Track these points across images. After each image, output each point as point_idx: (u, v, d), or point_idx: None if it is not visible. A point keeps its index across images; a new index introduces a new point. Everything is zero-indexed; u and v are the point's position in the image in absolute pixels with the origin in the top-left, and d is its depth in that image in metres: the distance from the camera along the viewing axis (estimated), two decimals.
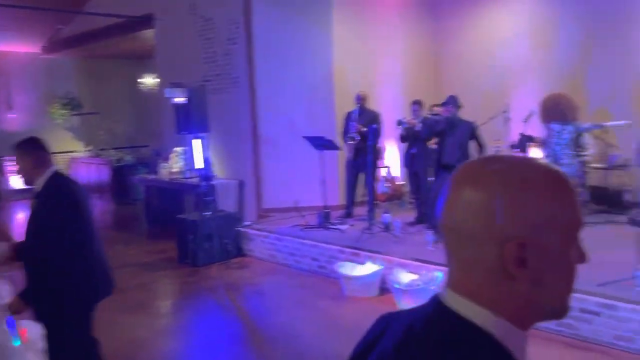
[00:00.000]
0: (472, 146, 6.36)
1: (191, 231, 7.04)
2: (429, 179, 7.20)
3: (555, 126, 5.67)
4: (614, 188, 7.49)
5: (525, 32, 8.74)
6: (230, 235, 7.35)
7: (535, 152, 6.61)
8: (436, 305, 0.86)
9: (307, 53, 8.25)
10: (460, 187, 0.85)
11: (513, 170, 0.83)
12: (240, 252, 7.47)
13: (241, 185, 8.18)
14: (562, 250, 0.82)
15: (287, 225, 7.42)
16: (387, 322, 0.96)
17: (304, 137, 7.34)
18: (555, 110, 5.55)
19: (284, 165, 8.30)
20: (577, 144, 7.52)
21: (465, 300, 0.83)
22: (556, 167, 0.85)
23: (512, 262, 0.79)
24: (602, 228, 6.59)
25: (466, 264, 0.83)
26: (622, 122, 6.63)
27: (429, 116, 7.43)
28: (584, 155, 7.44)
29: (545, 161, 0.86)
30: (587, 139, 7.57)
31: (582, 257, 0.85)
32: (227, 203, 7.86)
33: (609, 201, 7.39)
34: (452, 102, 6.22)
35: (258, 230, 7.45)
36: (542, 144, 5.37)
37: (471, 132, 6.24)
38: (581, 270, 0.86)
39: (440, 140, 6.29)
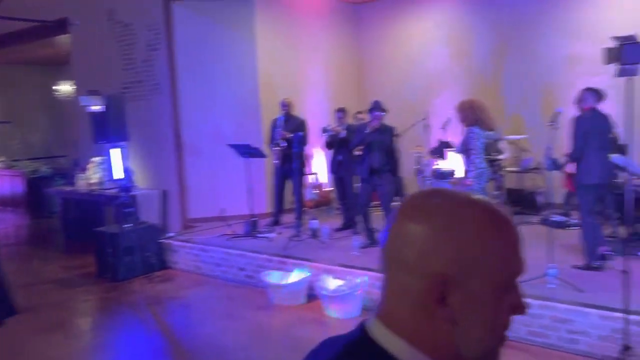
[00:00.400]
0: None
1: (111, 244, 6.76)
2: (355, 185, 7.29)
3: (477, 130, 5.88)
4: (527, 190, 7.88)
5: (444, 41, 9.06)
6: (153, 247, 7.11)
7: (453, 157, 6.84)
8: (362, 333, 0.84)
9: (231, 60, 8.17)
10: (401, 217, 0.83)
11: (451, 206, 0.81)
12: (163, 265, 7.24)
13: (164, 195, 7.95)
14: (487, 296, 0.78)
15: (213, 235, 7.28)
16: (321, 348, 0.92)
17: (229, 145, 7.24)
18: (475, 115, 5.77)
19: (210, 173, 8.15)
20: (493, 149, 7.86)
21: (389, 333, 0.81)
22: (500, 211, 0.82)
23: (432, 298, 0.78)
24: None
25: (395, 295, 0.82)
26: (520, 136, 7.00)
27: (354, 124, 7.53)
28: (500, 159, 7.79)
29: (490, 203, 0.83)
30: (503, 143, 7.93)
31: (518, 308, 0.82)
32: (149, 214, 7.61)
33: (523, 203, 7.76)
34: (377, 107, 6.32)
35: (182, 241, 7.25)
36: (471, 149, 5.55)
37: (391, 137, 6.37)
38: None
39: (367, 146, 6.35)
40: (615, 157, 5.71)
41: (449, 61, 9.03)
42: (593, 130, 4.98)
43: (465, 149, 5.51)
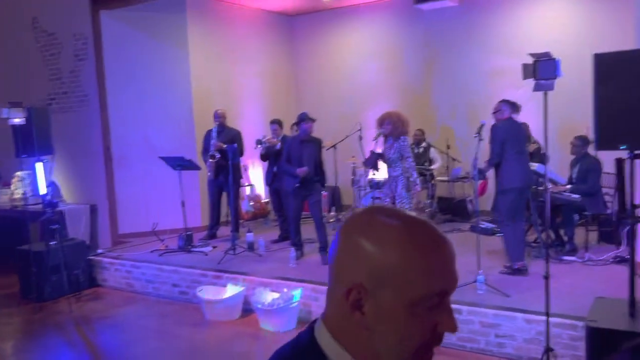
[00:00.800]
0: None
1: (35, 263, 6.42)
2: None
3: (407, 139, 6.08)
4: (458, 198, 8.14)
5: (375, 54, 9.26)
6: (81, 265, 6.83)
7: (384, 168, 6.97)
8: (309, 334, 0.90)
9: (163, 71, 8.01)
10: (341, 231, 0.89)
11: (375, 223, 0.85)
12: (92, 283, 6.96)
13: (93, 210, 7.65)
14: (398, 309, 0.81)
15: (145, 251, 7.07)
16: (274, 356, 0.94)
17: (161, 157, 7.07)
18: (404, 126, 5.98)
19: (141, 187, 7.93)
20: (425, 158, 8.09)
21: (330, 336, 0.87)
22: (426, 231, 0.84)
23: (349, 305, 0.83)
24: (449, 236, 7.10)
25: (330, 300, 0.89)
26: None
27: (290, 135, 7.55)
28: (431, 169, 8.02)
29: (418, 221, 0.85)
30: (434, 153, 8.18)
31: (445, 327, 0.84)
32: (77, 230, 7.30)
33: (453, 210, 8.02)
34: (305, 118, 6.36)
35: (113, 257, 7.00)
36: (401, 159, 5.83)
37: (318, 148, 6.43)
38: None
39: (296, 158, 6.37)
40: (538, 166, 6.00)
41: (381, 74, 9.23)
42: (510, 138, 5.25)
43: (401, 157, 5.85)
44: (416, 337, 0.83)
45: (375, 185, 7.82)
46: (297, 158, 6.26)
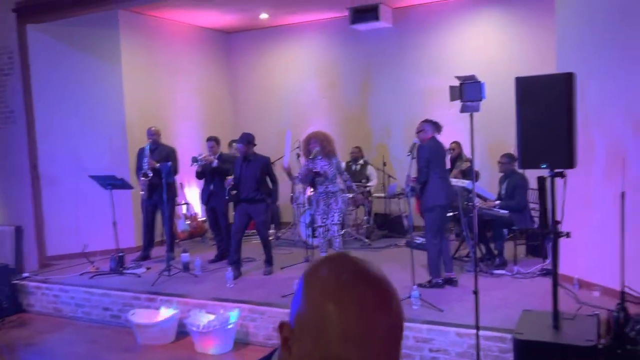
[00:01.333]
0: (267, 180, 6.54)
1: None
2: (230, 214, 7.23)
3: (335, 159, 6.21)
4: (394, 215, 8.30)
5: (312, 73, 9.36)
6: (5, 290, 6.46)
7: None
8: None
9: (95, 87, 7.76)
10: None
11: (313, 273, 0.86)
12: (18, 309, 6.59)
13: (18, 231, 7.28)
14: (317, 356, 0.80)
15: (74, 274, 6.78)
16: None
17: (91, 176, 6.83)
18: (333, 145, 6.18)
19: (71, 207, 7.63)
20: (362, 176, 8.21)
21: None
22: (354, 289, 0.81)
23: (282, 341, 0.86)
24: (385, 251, 7.23)
25: None
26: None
27: (227, 153, 7.49)
28: (369, 186, 8.14)
29: (367, 283, 0.83)
30: (371, 170, 8.32)
31: None
32: (0, 253, 6.92)
33: (390, 226, 8.16)
34: (246, 139, 6.35)
35: (39, 281, 6.67)
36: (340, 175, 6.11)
37: (265, 166, 6.41)
38: None
39: (236, 177, 6.35)
40: (467, 183, 6.21)
41: (318, 92, 9.32)
42: (434, 157, 5.43)
43: (340, 173, 6.06)
44: None
45: (314, 202, 7.84)
46: (238, 177, 6.29)
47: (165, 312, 5.40)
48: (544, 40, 7.19)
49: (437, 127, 5.64)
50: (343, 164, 6.74)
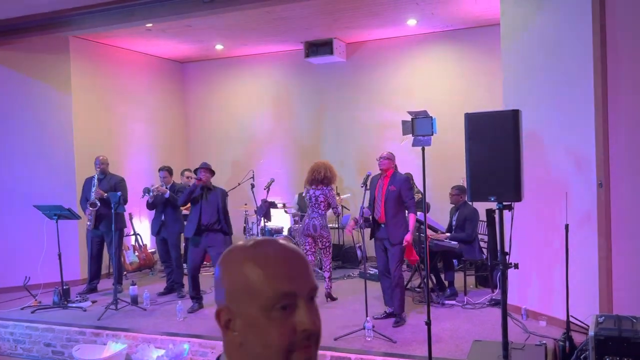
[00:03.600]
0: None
1: None
2: (181, 245, 7.08)
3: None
4: (347, 245, 8.33)
5: (266, 104, 9.41)
6: None
7: (279, 216, 7.01)
8: None
9: (42, 114, 7.54)
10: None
11: (229, 252, 0.98)
12: None
13: None
14: (256, 317, 0.91)
15: (14, 308, 6.45)
16: None
17: (36, 206, 6.58)
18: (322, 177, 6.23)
19: (12, 237, 7.32)
20: None
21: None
22: (263, 247, 0.95)
23: (223, 326, 0.94)
24: (339, 282, 7.22)
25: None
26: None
27: (180, 183, 7.38)
28: None
29: (256, 242, 0.97)
30: None
31: (301, 325, 0.91)
32: None
33: (343, 257, 8.18)
34: (206, 167, 6.28)
35: None
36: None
37: (222, 197, 6.34)
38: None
39: (197, 206, 6.22)
40: (419, 215, 6.32)
41: (272, 123, 9.37)
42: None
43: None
44: (277, 340, 0.90)
45: (268, 232, 7.80)
46: (199, 204, 6.16)
47: (113, 348, 5.20)
48: (492, 76, 7.50)
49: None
50: (296, 196, 6.72)
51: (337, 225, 8.32)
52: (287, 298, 0.90)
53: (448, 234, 6.50)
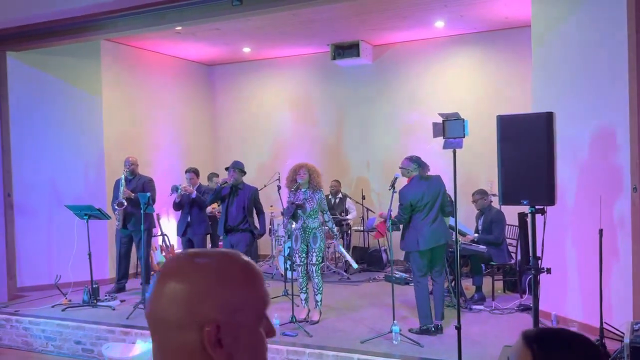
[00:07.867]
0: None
1: None
2: (209, 245, 7.14)
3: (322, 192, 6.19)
4: (372, 248, 8.30)
5: (293, 106, 9.45)
6: None
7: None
8: None
9: (74, 116, 7.68)
10: (166, 280, 0.90)
11: (214, 264, 0.92)
12: None
13: None
14: (253, 328, 0.93)
15: (45, 306, 6.58)
16: None
17: (67, 205, 6.70)
18: (318, 177, 6.06)
19: (44, 236, 7.46)
20: (341, 209, 8.22)
21: None
22: (250, 265, 0.96)
23: (210, 344, 0.86)
24: (364, 286, 7.20)
25: (172, 354, 0.89)
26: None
27: (206, 185, 7.45)
28: (347, 219, 8.16)
29: (243, 259, 0.96)
30: (350, 203, 8.34)
31: (271, 331, 0.96)
32: None
33: (368, 260, 8.15)
34: (238, 166, 6.31)
35: (8, 314, 6.44)
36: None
37: (253, 196, 6.36)
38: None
39: (224, 205, 6.27)
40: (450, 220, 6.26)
41: (298, 125, 9.40)
42: (417, 200, 5.09)
43: (321, 209, 5.83)
44: (264, 347, 0.94)
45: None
46: (226, 203, 6.21)
47: (142, 346, 5.26)
48: (519, 77, 7.41)
49: (419, 164, 5.27)
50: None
51: (362, 228, 8.31)
52: (265, 310, 0.97)
53: (476, 235, 6.43)
